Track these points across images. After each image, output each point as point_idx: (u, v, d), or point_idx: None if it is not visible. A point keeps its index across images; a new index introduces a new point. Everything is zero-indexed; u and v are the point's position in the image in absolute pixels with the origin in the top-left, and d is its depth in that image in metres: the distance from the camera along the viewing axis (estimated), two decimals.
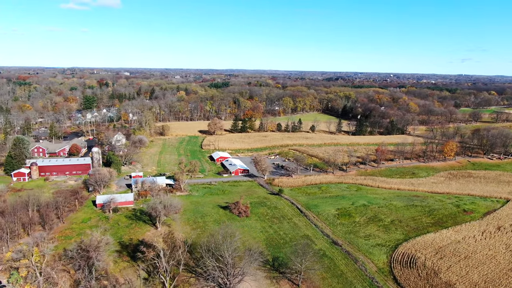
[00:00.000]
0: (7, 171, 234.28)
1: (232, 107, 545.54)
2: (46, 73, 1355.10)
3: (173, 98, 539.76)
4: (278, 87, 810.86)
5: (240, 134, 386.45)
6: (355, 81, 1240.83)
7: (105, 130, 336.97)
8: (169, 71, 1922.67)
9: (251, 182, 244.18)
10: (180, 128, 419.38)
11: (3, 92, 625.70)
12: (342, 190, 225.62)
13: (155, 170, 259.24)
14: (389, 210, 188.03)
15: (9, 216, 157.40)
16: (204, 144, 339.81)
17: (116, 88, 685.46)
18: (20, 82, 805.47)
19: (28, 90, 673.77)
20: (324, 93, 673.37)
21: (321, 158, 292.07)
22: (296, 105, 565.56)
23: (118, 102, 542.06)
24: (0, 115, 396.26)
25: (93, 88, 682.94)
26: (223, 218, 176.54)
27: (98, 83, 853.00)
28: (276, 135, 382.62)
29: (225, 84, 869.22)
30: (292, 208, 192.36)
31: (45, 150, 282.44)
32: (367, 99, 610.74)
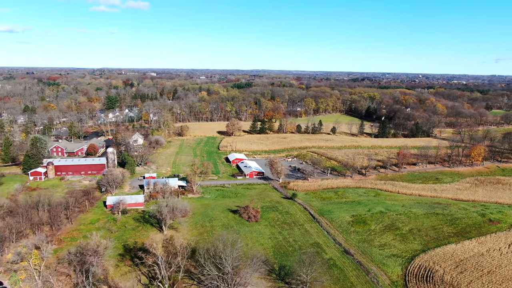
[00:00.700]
0: (25, 170, 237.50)
1: (253, 108, 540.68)
2: (77, 73, 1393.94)
3: (194, 98, 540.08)
4: (302, 88, 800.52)
5: (258, 136, 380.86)
6: (382, 81, 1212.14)
7: (124, 130, 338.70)
8: (195, 72, 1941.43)
9: (265, 185, 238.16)
10: (199, 128, 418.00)
11: (33, 92, 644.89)
12: (359, 196, 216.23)
13: (170, 171, 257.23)
14: (408, 218, 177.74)
15: (18, 216, 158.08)
16: (221, 145, 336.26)
17: (140, 88, 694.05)
18: (49, 83, 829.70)
19: (56, 90, 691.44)
20: (348, 94, 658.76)
21: (340, 161, 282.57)
22: (318, 106, 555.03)
23: (141, 102, 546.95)
24: (25, 114, 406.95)
25: (117, 88, 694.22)
26: (231, 222, 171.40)
27: (123, 83, 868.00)
28: (295, 136, 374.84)
29: (248, 84, 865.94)
30: (305, 213, 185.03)
31: (64, 149, 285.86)
32: (393, 100, 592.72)
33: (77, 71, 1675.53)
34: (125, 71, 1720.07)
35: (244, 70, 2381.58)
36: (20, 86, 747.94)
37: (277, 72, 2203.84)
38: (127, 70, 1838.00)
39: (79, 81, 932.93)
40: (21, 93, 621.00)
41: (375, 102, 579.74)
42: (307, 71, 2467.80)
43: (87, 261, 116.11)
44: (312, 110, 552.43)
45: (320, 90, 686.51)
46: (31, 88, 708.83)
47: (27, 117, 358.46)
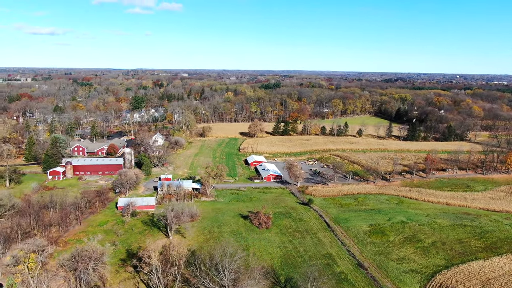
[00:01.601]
0: (45, 169, 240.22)
1: (279, 109, 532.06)
2: (111, 74, 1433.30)
3: (219, 99, 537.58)
4: (331, 89, 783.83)
5: (281, 137, 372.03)
6: (416, 82, 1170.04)
7: (144, 130, 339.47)
8: (226, 72, 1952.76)
9: (282, 189, 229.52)
10: (222, 129, 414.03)
11: (66, 92, 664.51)
12: (381, 203, 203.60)
13: (186, 172, 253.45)
14: (431, 229, 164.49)
15: (26, 216, 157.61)
16: (242, 147, 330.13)
17: (168, 89, 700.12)
18: (83, 83, 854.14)
19: (88, 90, 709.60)
20: (378, 95, 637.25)
21: (363, 165, 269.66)
22: (346, 107, 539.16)
23: (167, 102, 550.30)
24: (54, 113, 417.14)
25: (146, 89, 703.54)
26: (241, 229, 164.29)
27: (153, 84, 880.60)
28: (319, 138, 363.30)
29: (276, 85, 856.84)
30: (319, 221, 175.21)
31: (85, 149, 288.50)
32: (425, 102, 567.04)
33: (112, 71, 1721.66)
34: (157, 72, 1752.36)
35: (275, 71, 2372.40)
36: (55, 86, 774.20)
37: (309, 72, 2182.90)
38: (160, 71, 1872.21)
39: (112, 82, 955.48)
40: (55, 93, 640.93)
41: (406, 104, 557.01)
42: (339, 72, 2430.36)
43: (82, 267, 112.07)
44: (340, 111, 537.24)
45: (349, 91, 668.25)
46: (65, 88, 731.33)
47: (52, 116, 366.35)
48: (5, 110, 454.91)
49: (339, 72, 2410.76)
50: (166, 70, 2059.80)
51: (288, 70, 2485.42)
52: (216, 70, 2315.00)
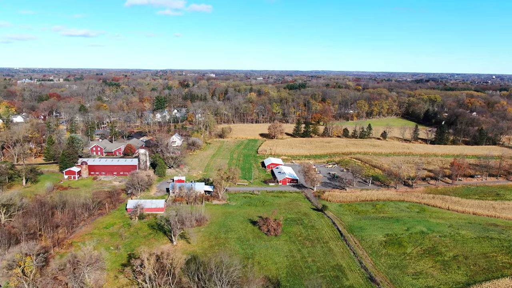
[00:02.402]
0: (61, 168, 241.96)
1: (302, 110, 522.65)
2: (141, 74, 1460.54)
3: (241, 99, 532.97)
4: (358, 89, 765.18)
5: (301, 139, 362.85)
6: (448, 83, 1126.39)
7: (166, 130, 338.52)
8: (254, 73, 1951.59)
9: (298, 193, 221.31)
10: (242, 130, 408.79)
11: (94, 92, 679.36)
12: (400, 211, 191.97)
13: (201, 174, 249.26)
14: (454, 242, 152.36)
15: (33, 217, 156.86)
16: (260, 148, 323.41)
17: (192, 89, 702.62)
18: (111, 83, 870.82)
19: (115, 90, 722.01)
20: (407, 96, 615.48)
21: (385, 169, 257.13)
22: (371, 108, 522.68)
23: (190, 102, 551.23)
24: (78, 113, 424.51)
25: (170, 89, 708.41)
26: (248, 235, 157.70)
27: (179, 84, 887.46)
28: (340, 141, 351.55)
29: (302, 85, 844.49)
30: (332, 229, 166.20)
31: (103, 149, 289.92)
32: (456, 103, 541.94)
33: (142, 72, 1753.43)
34: (186, 72, 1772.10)
35: (304, 71, 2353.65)
36: (84, 86, 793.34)
37: (337, 73, 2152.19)
38: (188, 71, 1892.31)
39: (139, 82, 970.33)
40: (83, 93, 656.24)
41: (435, 105, 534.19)
42: (368, 72, 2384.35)
43: (77, 273, 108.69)
44: (365, 112, 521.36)
45: (376, 92, 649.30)
46: (93, 88, 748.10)
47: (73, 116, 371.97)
48: (33, 109, 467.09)
49: (369, 72, 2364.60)
50: (194, 70, 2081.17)
51: (317, 71, 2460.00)
52: (244, 70, 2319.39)
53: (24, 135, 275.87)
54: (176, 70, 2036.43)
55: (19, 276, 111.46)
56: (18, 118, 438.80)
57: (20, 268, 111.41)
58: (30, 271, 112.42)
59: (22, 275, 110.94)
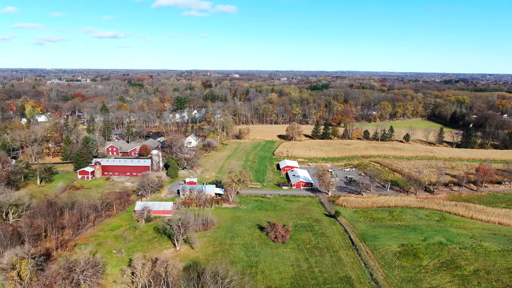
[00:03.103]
0: (76, 168, 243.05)
1: (323, 111, 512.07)
2: (166, 75, 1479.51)
3: (261, 100, 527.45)
4: (383, 90, 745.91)
5: (319, 141, 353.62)
6: (479, 84, 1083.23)
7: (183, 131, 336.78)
8: (278, 73, 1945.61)
9: (311, 198, 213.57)
10: (260, 131, 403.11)
11: (119, 92, 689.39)
12: (419, 219, 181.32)
13: (214, 176, 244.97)
14: (475, 254, 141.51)
15: (39, 218, 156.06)
16: (277, 150, 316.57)
17: (213, 89, 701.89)
18: (135, 83, 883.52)
19: (138, 90, 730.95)
20: (433, 97, 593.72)
21: (405, 174, 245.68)
22: (395, 110, 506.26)
23: (211, 103, 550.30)
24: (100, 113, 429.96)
25: (192, 89, 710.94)
26: (254, 242, 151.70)
27: (202, 84, 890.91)
28: (360, 143, 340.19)
29: (325, 86, 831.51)
30: (344, 237, 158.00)
31: (119, 149, 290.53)
32: (486, 105, 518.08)
33: (168, 72, 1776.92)
34: (210, 73, 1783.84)
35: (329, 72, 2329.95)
36: (109, 86, 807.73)
37: (363, 73, 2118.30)
38: (213, 72, 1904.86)
39: (163, 82, 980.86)
40: (107, 93, 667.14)
41: (463, 107, 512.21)
42: (395, 73, 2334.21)
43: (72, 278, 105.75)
44: (388, 114, 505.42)
45: (401, 93, 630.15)
46: (117, 88, 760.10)
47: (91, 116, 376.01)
48: (57, 109, 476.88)
49: (396, 73, 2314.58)
50: (219, 71, 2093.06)
51: (342, 71, 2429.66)
52: (268, 71, 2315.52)
53: (42, 135, 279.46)
54: (201, 71, 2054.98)
55: (14, 279, 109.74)
56: (42, 117, 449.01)
57: (16, 271, 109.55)
58: (25, 275, 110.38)
59: (18, 279, 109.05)
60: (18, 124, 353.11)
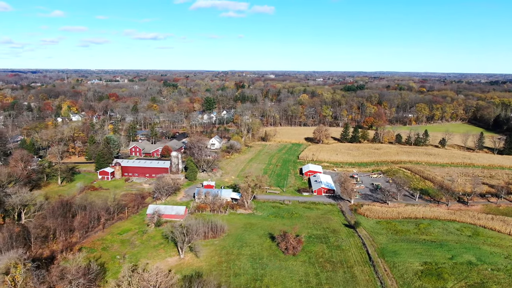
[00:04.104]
0: (97, 169, 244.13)
1: (355, 113, 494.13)
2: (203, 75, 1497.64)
3: (291, 101, 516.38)
4: (421, 91, 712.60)
5: (348, 145, 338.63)
6: None
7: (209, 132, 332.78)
8: (315, 74, 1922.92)
9: (332, 206, 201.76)
10: (287, 133, 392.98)
11: (152, 92, 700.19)
12: (448, 233, 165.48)
13: (233, 180, 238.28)
14: (510, 278, 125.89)
15: (49, 220, 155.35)
16: (303, 154, 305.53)
17: (244, 90, 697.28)
18: (170, 84, 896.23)
19: (172, 91, 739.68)
20: (476, 99, 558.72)
21: (437, 182, 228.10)
22: (432, 112, 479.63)
23: (241, 104, 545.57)
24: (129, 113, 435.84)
25: (224, 90, 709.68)
26: (263, 252, 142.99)
27: (235, 85, 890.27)
28: (391, 148, 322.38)
29: (360, 87, 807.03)
30: (361, 251, 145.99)
31: (141, 150, 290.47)
32: None
33: (205, 73, 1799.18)
34: (246, 73, 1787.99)
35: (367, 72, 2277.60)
36: (144, 87, 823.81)
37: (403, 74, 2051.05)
38: (249, 72, 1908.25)
39: (197, 83, 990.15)
40: (141, 93, 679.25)
41: (509, 110, 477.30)
42: (437, 73, 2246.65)
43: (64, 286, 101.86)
44: (425, 117, 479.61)
45: (441, 94, 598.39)
46: (151, 89, 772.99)
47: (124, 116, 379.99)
48: (90, 108, 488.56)
49: (438, 73, 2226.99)
50: (255, 71, 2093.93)
51: (381, 72, 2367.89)
52: (305, 71, 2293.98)
53: (68, 134, 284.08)
54: (237, 71, 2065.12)
55: (8, 285, 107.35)
56: (77, 117, 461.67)
57: (10, 276, 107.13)
58: (19, 280, 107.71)
59: (12, 285, 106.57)
60: (51, 123, 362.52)
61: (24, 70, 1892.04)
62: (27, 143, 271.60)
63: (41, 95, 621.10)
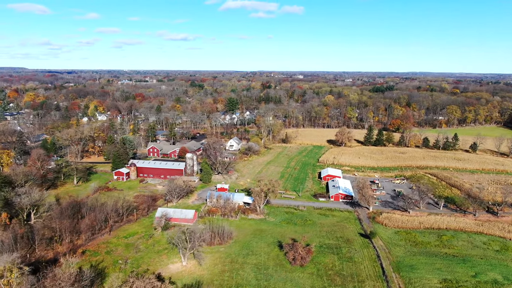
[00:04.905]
0: (113, 169, 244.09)
1: (382, 115, 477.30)
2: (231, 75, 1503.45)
3: (315, 102, 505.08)
4: (454, 93, 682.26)
5: (371, 148, 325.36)
6: None
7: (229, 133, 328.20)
8: (345, 74, 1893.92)
9: (349, 213, 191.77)
10: (310, 135, 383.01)
11: (178, 93, 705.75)
12: (473, 247, 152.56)
13: (248, 183, 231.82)
14: None
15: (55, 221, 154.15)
16: (323, 157, 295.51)
17: (269, 91, 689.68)
18: (195, 84, 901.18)
19: (198, 91, 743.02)
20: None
21: (464, 190, 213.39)
22: (464, 115, 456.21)
23: (264, 104, 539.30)
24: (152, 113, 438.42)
25: (248, 90, 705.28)
26: (269, 262, 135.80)
27: (261, 86, 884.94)
28: (417, 152, 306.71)
29: (389, 88, 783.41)
30: (375, 264, 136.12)
31: (159, 150, 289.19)
32: None
33: (234, 73, 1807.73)
34: (274, 74, 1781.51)
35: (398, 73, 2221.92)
36: (170, 87, 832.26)
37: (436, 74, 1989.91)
38: (277, 73, 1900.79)
39: (224, 83, 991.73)
40: (167, 93, 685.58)
41: None
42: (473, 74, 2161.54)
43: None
44: (457, 120, 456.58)
45: (475, 96, 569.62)
46: (177, 89, 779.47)
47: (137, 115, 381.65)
48: (115, 108, 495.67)
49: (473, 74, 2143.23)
50: (283, 72, 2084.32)
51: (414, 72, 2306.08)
52: (335, 72, 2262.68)
53: (88, 134, 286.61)
54: (265, 72, 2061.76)
55: None
56: (102, 116, 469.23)
57: (5, 280, 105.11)
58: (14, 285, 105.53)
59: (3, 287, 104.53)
60: (73, 123, 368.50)
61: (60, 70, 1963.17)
62: (48, 142, 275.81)
63: (71, 95, 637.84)
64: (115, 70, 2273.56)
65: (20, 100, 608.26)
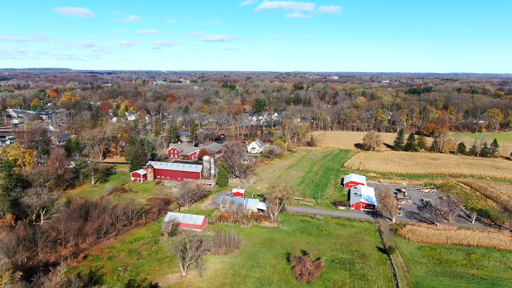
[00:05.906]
0: (131, 170, 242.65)
1: (417, 118, 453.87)
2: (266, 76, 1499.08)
3: (345, 104, 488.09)
4: (498, 95, 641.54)
5: (401, 153, 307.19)
6: None
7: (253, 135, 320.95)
8: (382, 75, 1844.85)
9: (369, 223, 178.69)
10: (337, 138, 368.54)
11: (209, 93, 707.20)
12: (506, 268, 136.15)
13: (265, 188, 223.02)
14: None
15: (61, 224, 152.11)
16: (349, 161, 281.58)
17: (299, 92, 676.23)
18: (227, 85, 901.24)
19: (228, 92, 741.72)
20: None
21: (501, 202, 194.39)
22: (508, 119, 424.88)
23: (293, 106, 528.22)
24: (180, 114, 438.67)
25: (279, 91, 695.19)
26: (274, 276, 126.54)
27: (293, 86, 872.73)
28: (451, 158, 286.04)
29: (426, 89, 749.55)
30: (390, 284, 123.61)
31: (180, 152, 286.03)
32: None
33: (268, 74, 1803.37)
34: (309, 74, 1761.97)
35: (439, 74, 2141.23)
36: (201, 88, 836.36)
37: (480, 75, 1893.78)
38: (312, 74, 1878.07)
39: (256, 84, 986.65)
40: (198, 94, 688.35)
41: None
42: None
43: None
44: (498, 124, 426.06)
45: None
46: (208, 90, 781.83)
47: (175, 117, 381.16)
48: (145, 108, 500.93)
49: None
50: (318, 72, 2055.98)
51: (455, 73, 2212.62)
52: (371, 73, 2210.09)
53: (110, 134, 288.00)
54: (300, 72, 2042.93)
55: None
56: (131, 116, 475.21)
57: None
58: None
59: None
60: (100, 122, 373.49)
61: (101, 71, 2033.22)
62: (72, 142, 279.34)
63: (105, 95, 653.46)
64: (153, 71, 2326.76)
65: (58, 99, 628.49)
